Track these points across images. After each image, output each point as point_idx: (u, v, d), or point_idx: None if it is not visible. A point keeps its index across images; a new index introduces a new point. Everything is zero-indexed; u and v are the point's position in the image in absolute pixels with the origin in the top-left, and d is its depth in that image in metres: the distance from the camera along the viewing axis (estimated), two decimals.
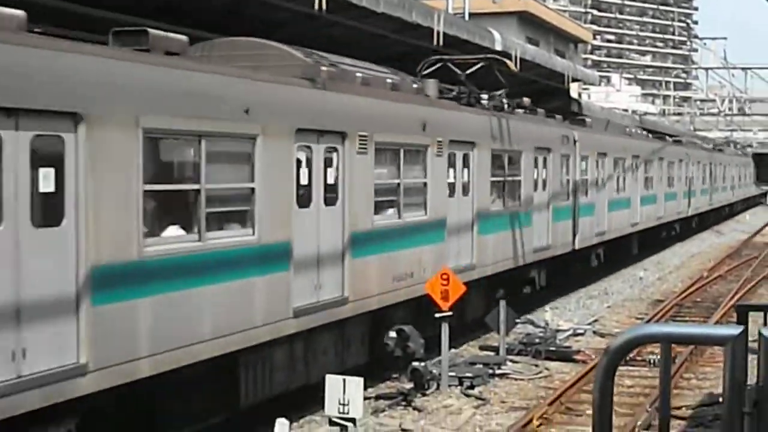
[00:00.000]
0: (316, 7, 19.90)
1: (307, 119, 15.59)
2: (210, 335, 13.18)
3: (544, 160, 27.04)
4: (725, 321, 25.80)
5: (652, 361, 21.01)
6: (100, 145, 11.27)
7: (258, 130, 14.24)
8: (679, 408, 16.99)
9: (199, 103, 13.07)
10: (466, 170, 21.84)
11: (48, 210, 10.79)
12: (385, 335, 18.33)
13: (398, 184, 18.78)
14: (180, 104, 12.75)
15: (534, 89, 35.02)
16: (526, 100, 27.62)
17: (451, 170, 21.07)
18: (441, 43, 25.71)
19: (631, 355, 21.53)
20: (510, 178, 24.38)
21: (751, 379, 4.03)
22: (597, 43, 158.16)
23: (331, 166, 16.29)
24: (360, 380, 15.15)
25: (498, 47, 30.41)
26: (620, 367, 19.04)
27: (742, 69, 53.95)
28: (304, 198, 15.57)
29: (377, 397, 17.67)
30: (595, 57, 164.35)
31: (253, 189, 14.30)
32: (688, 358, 20.57)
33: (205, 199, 13.16)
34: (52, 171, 10.80)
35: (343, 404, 15.04)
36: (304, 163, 15.59)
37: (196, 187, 13.12)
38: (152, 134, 12.25)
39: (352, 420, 15.20)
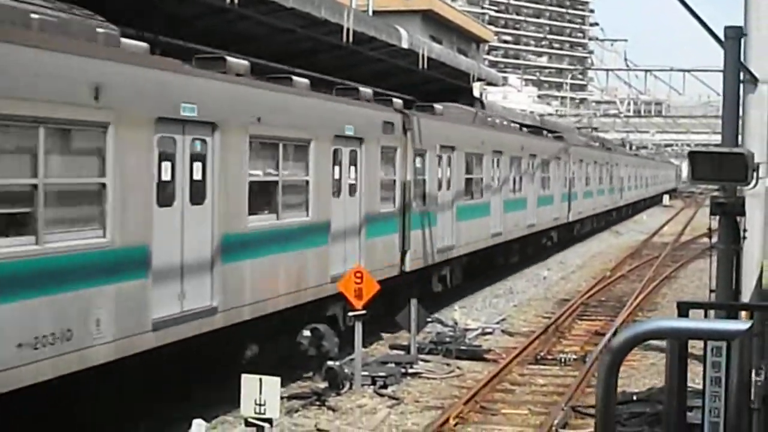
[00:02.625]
0: (228, 0, 19.66)
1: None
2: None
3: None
4: (632, 320, 26.06)
5: (563, 360, 21.15)
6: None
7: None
8: (593, 406, 17.03)
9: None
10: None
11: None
12: (299, 334, 18.17)
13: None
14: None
15: (438, 88, 35.09)
16: None
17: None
18: (350, 40, 25.58)
19: (542, 353, 21.69)
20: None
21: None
22: (494, 43, 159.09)
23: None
24: (277, 380, 14.96)
25: (405, 45, 30.36)
26: (532, 366, 19.24)
27: (643, 71, 54.65)
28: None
29: (290, 397, 17.48)
30: (491, 57, 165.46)
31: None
32: (599, 356, 20.68)
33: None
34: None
35: (260, 404, 14.86)
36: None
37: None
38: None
39: (269, 420, 15.03)
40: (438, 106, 27.81)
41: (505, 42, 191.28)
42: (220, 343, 15.75)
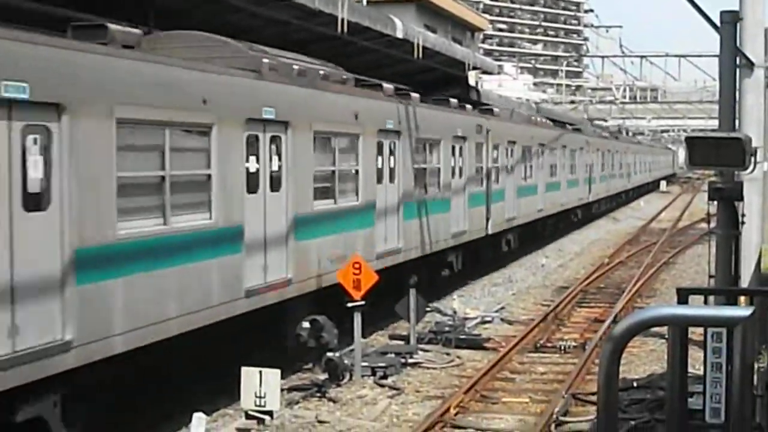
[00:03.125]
0: None
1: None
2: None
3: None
4: (631, 306, 26.07)
5: (563, 348, 21.14)
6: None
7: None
8: (594, 394, 17.04)
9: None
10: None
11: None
12: (298, 326, 18.15)
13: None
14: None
15: (433, 77, 35.05)
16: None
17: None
18: (345, 30, 25.53)
19: (542, 341, 21.69)
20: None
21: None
22: (489, 32, 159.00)
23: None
24: (277, 372, 15.01)
25: (399, 35, 30.31)
26: (532, 355, 19.24)
27: (638, 57, 54.56)
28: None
29: (290, 389, 17.47)
30: (486, 46, 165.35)
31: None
32: (598, 344, 20.67)
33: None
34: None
35: (260, 397, 14.88)
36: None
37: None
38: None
39: (269, 413, 15.05)
40: (505, 112, 36.41)
41: (500, 30, 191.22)
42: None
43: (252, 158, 16.58)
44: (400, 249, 23.46)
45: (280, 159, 17.51)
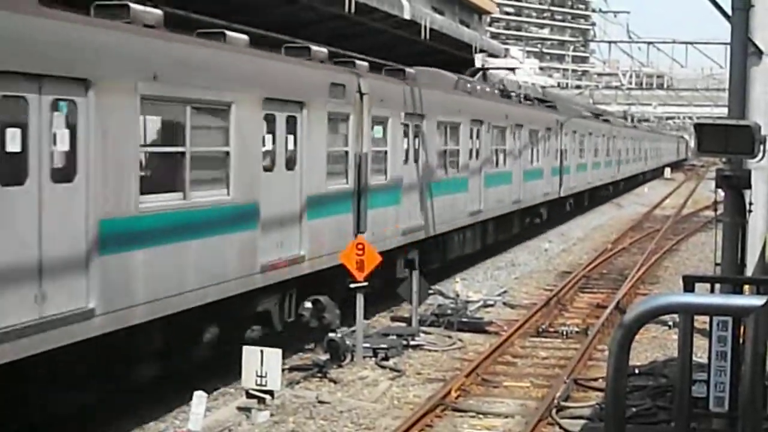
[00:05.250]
0: None
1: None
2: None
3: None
4: (634, 293, 26.02)
5: (564, 333, 21.11)
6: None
7: None
8: (596, 379, 17.03)
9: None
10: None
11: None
12: (300, 306, 18.12)
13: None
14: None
15: (440, 60, 34.92)
16: None
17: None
18: (352, 10, 25.46)
19: (544, 326, 21.65)
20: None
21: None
22: (496, 15, 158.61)
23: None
24: (278, 351, 14.99)
25: (407, 16, 30.24)
26: (534, 339, 19.18)
27: (645, 43, 54.36)
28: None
29: (291, 369, 17.45)
30: (493, 29, 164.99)
31: None
32: (600, 329, 20.65)
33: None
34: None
35: (261, 376, 14.85)
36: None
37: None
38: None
39: (270, 392, 15.03)
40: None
41: (507, 14, 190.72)
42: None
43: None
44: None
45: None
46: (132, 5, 13.72)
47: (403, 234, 22.74)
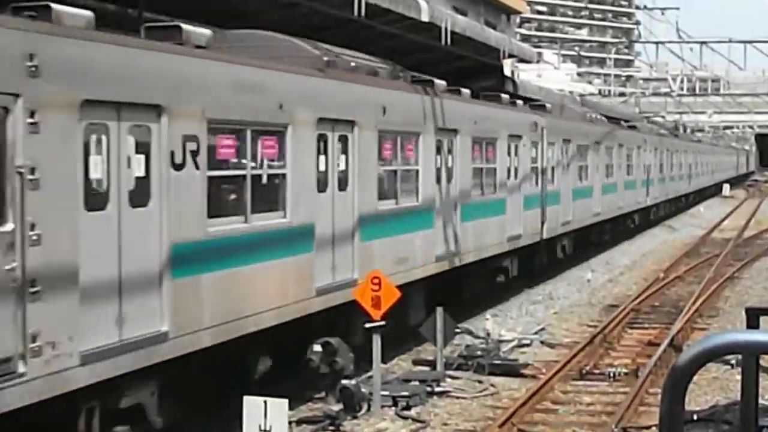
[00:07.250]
0: None
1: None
2: None
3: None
4: (690, 328, 25.93)
5: (611, 375, 21.04)
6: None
7: None
8: (648, 428, 16.97)
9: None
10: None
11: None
12: (308, 349, 18.10)
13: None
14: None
15: (463, 66, 34.95)
16: None
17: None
18: (362, 13, 25.48)
19: (588, 368, 21.59)
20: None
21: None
22: (527, 15, 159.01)
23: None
24: (284, 402, 14.92)
25: (425, 18, 30.25)
26: (577, 382, 19.16)
27: (698, 43, 54.28)
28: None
29: (300, 422, 17.43)
30: (524, 31, 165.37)
31: None
32: (652, 370, 20.58)
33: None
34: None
35: (265, 430, 14.80)
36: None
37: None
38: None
39: None
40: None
41: (539, 13, 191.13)
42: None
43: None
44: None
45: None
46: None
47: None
